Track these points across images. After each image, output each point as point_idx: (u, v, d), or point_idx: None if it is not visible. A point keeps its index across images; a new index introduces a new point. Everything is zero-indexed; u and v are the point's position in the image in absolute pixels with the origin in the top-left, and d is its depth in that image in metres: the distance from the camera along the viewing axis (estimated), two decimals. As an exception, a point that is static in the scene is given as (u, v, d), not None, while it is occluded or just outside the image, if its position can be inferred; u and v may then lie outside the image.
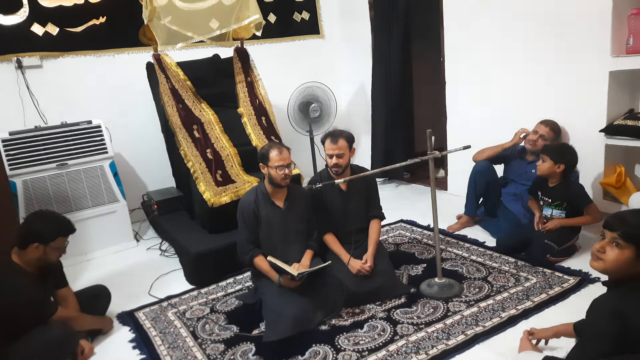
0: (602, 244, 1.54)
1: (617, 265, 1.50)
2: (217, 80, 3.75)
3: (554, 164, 2.85)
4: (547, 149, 2.95)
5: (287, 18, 4.89)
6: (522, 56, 3.45)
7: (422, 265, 2.97)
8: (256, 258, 2.53)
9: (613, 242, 1.51)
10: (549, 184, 2.94)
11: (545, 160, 2.87)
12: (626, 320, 1.41)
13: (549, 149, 2.93)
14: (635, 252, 1.47)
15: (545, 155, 2.89)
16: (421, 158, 2.51)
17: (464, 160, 3.54)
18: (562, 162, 2.84)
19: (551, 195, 2.92)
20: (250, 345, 2.30)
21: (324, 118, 4.31)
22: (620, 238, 1.49)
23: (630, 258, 1.48)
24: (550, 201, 2.92)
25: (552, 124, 3.20)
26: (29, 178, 3.30)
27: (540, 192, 2.99)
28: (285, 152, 2.51)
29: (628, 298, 1.47)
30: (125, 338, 2.50)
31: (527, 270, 2.78)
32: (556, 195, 2.90)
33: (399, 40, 4.42)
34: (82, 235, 3.34)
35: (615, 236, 1.50)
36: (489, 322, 2.30)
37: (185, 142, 3.39)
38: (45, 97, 3.77)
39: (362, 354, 2.15)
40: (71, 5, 3.80)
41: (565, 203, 2.87)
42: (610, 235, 1.52)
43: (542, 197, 2.97)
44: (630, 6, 2.88)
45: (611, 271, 1.53)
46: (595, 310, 1.49)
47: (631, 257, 1.48)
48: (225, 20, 3.50)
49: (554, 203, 2.90)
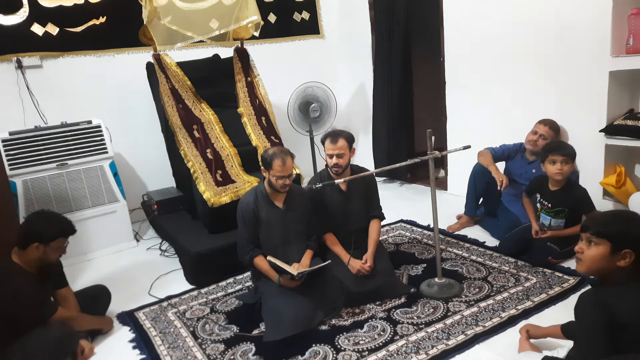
0: (579, 246, 1.61)
1: (594, 262, 1.56)
2: (217, 80, 3.75)
3: (573, 164, 2.79)
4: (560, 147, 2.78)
5: (287, 18, 4.89)
6: (522, 56, 3.45)
7: (422, 265, 2.97)
8: (256, 258, 2.53)
9: (588, 242, 1.57)
10: (550, 187, 2.85)
11: (568, 162, 2.74)
12: (610, 309, 1.44)
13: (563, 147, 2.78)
14: (609, 247, 1.52)
15: (568, 157, 2.74)
16: (421, 158, 2.51)
17: (464, 160, 3.54)
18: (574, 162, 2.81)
19: (552, 200, 2.82)
20: (250, 345, 2.30)
21: (324, 118, 4.31)
22: (593, 236, 1.55)
23: (605, 253, 1.53)
24: (550, 206, 2.83)
25: (551, 122, 3.19)
26: (29, 178, 3.30)
27: (539, 195, 2.92)
28: (288, 163, 2.47)
29: (611, 290, 1.53)
30: (125, 338, 2.50)
31: (527, 270, 2.78)
32: (557, 200, 2.80)
33: (399, 40, 4.43)
34: (82, 235, 3.33)
35: (589, 235, 1.57)
36: (489, 322, 2.30)
37: (185, 142, 3.39)
38: (45, 97, 3.77)
39: (362, 354, 2.15)
40: (71, 5, 3.80)
41: (566, 210, 2.78)
42: (585, 236, 1.59)
43: (541, 200, 2.89)
44: (630, 6, 2.88)
45: (592, 270, 1.58)
46: (581, 305, 1.52)
47: (606, 253, 1.53)
48: (225, 20, 3.50)
49: (553, 209, 2.81)
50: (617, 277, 1.53)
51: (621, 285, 1.52)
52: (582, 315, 1.51)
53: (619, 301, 1.46)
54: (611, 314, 1.44)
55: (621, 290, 1.50)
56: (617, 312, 1.44)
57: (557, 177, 2.78)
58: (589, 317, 1.48)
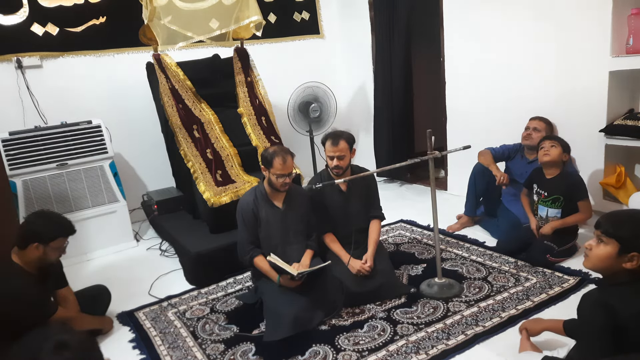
0: (589, 242, 1.60)
1: (600, 260, 1.55)
2: (217, 80, 3.75)
3: (562, 152, 2.84)
4: (552, 137, 2.93)
5: (287, 18, 4.89)
6: (522, 56, 3.46)
7: (422, 265, 2.97)
8: (256, 258, 2.53)
9: (598, 239, 1.57)
10: (547, 176, 2.91)
11: (555, 146, 2.83)
12: (614, 310, 1.44)
13: (555, 137, 2.92)
14: (617, 247, 1.52)
15: (555, 141, 2.85)
16: (421, 158, 2.51)
17: (464, 160, 3.54)
18: (567, 152, 2.85)
19: (548, 188, 2.88)
20: (250, 345, 2.30)
21: (324, 118, 4.31)
22: (603, 234, 1.55)
23: (612, 253, 1.52)
24: (546, 194, 2.89)
25: (542, 117, 3.25)
26: (29, 178, 3.30)
27: (536, 185, 2.96)
28: (289, 161, 2.48)
29: (615, 290, 1.52)
30: (125, 338, 2.50)
31: (527, 270, 2.78)
32: (553, 187, 2.86)
33: (399, 40, 4.43)
34: (82, 235, 3.34)
35: (599, 233, 1.57)
36: (489, 322, 2.30)
37: (185, 142, 3.39)
38: (45, 97, 3.77)
39: (362, 354, 2.15)
40: (71, 5, 3.80)
41: (561, 198, 2.84)
42: (596, 233, 1.59)
43: (538, 189, 2.94)
44: (630, 6, 2.88)
45: (597, 267, 1.58)
46: (584, 305, 1.53)
47: (613, 252, 1.52)
48: (225, 20, 3.50)
49: (550, 197, 2.87)
50: (622, 278, 1.53)
51: (625, 286, 1.51)
52: (585, 316, 1.51)
53: (622, 303, 1.45)
54: (614, 315, 1.44)
55: (625, 292, 1.50)
56: (620, 314, 1.43)
57: (545, 159, 2.85)
58: (592, 318, 1.47)
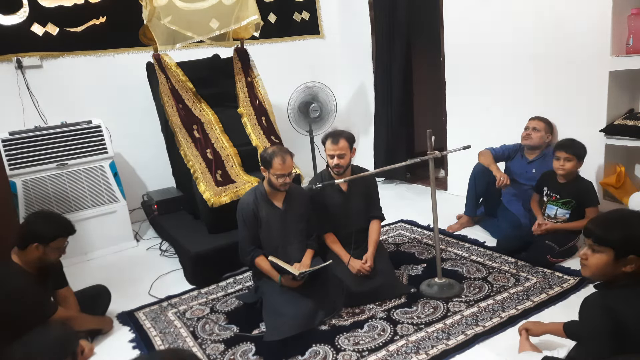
0: (584, 252, 1.58)
1: (598, 269, 1.53)
2: (217, 80, 3.75)
3: (577, 162, 2.83)
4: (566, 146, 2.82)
5: (287, 18, 4.89)
6: (522, 56, 3.45)
7: (422, 265, 2.97)
8: (257, 258, 2.54)
9: (590, 249, 1.54)
10: (559, 180, 2.91)
11: (570, 159, 2.81)
12: (616, 313, 1.43)
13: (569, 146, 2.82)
14: (612, 254, 1.49)
15: (570, 154, 2.80)
16: (421, 158, 2.51)
17: (464, 160, 3.54)
18: (582, 161, 2.85)
19: (560, 191, 2.89)
20: (250, 345, 2.30)
21: (324, 118, 4.31)
22: (595, 244, 1.52)
23: (609, 261, 1.50)
24: (558, 197, 2.89)
25: (541, 117, 3.25)
26: (29, 178, 3.30)
27: (546, 187, 2.97)
28: (288, 161, 2.48)
29: (616, 293, 1.50)
30: (125, 338, 2.50)
31: (527, 270, 2.78)
32: (565, 191, 2.87)
33: (399, 40, 4.42)
34: (82, 235, 3.34)
35: (591, 242, 1.54)
36: (489, 322, 2.30)
37: (185, 142, 3.39)
38: (45, 97, 3.77)
39: (362, 354, 2.15)
40: (71, 5, 3.79)
41: (573, 202, 2.84)
42: (587, 242, 1.56)
43: (549, 192, 2.95)
44: (630, 6, 2.88)
45: (597, 276, 1.56)
46: (586, 308, 1.51)
47: (610, 260, 1.50)
48: (225, 20, 3.50)
49: (561, 200, 2.88)
50: (623, 281, 1.51)
51: (627, 288, 1.50)
52: (586, 318, 1.50)
53: (624, 305, 1.44)
54: (616, 317, 1.43)
55: (627, 294, 1.48)
56: (621, 316, 1.42)
57: (560, 172, 2.87)
58: (594, 320, 1.46)
